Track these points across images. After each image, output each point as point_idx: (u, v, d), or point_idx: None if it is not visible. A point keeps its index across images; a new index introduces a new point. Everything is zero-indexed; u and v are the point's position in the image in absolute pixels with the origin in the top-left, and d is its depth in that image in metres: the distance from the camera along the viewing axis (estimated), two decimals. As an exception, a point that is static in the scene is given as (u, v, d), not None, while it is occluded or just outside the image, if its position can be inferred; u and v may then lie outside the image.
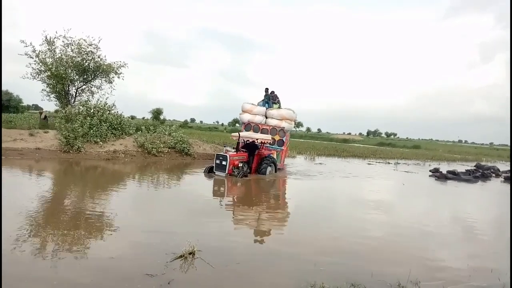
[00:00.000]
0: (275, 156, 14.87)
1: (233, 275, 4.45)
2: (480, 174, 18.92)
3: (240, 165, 12.59)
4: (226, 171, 12.22)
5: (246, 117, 15.83)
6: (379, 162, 24.26)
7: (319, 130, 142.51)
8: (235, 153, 12.96)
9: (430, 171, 18.30)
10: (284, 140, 15.50)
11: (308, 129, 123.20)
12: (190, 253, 4.77)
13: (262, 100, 16.14)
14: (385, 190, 13.08)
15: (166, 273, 4.23)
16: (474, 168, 20.25)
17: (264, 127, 15.52)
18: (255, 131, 15.35)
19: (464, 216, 9.40)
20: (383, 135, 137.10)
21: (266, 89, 16.21)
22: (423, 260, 5.58)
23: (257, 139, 13.18)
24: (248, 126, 15.73)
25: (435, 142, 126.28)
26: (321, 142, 48.10)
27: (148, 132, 17.51)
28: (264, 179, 12.69)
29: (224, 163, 12.31)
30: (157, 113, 44.33)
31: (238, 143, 13.37)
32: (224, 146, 15.43)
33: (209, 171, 12.70)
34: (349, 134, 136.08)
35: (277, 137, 15.41)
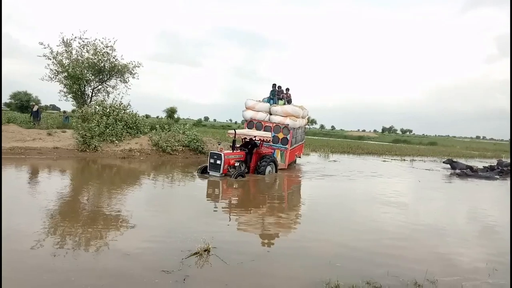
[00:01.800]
0: (279, 156, 14.33)
1: (247, 272, 4.48)
2: (499, 171, 18.47)
3: (237, 164, 11.76)
4: (221, 171, 11.29)
5: (249, 114, 15.06)
6: (394, 159, 23.94)
7: (332, 127, 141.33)
8: (231, 151, 12.10)
9: (443, 162, 18.21)
10: (289, 138, 14.41)
11: (322, 127, 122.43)
12: (205, 250, 4.83)
13: (268, 97, 15.42)
14: (402, 188, 12.89)
15: (182, 270, 4.29)
16: (494, 165, 19.79)
17: (267, 124, 14.62)
18: (258, 128, 14.60)
19: (482, 214, 9.21)
20: (398, 131, 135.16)
21: (274, 85, 15.39)
22: (439, 257, 5.51)
23: (254, 137, 12.49)
24: (250, 123, 14.95)
25: (452, 138, 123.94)
26: (335, 140, 47.76)
27: (163, 131, 17.71)
28: (264, 178, 11.98)
29: (218, 162, 11.34)
30: (171, 111, 44.77)
31: (234, 141, 12.39)
32: (219, 144, 14.25)
33: (203, 171, 11.77)
34: (364, 131, 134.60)
35: (280, 135, 14.53)
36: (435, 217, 8.37)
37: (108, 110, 16.71)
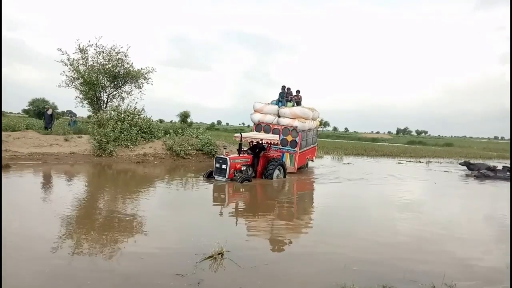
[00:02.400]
0: (288, 159, 14.03)
1: (261, 276, 4.46)
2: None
3: (243, 168, 11.47)
4: (227, 176, 10.95)
5: (257, 117, 14.84)
6: (409, 161, 23.60)
7: (346, 129, 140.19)
8: (238, 155, 11.77)
9: (460, 164, 17.76)
10: (297, 141, 14.04)
11: (335, 129, 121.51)
12: (218, 254, 4.83)
13: (277, 99, 15.13)
14: (418, 190, 12.68)
15: (196, 273, 4.30)
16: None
17: (276, 127, 14.34)
18: (266, 131, 14.32)
19: (501, 216, 8.96)
20: (413, 133, 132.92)
21: (283, 87, 15.09)
22: (457, 261, 5.41)
23: (261, 140, 11.99)
24: (258, 126, 14.71)
25: (469, 139, 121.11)
26: (349, 142, 47.35)
27: (176, 135, 17.86)
28: (272, 183, 11.62)
29: (224, 166, 10.98)
30: (184, 116, 45.07)
31: (240, 144, 12.21)
32: (224, 148, 13.68)
33: (209, 176, 11.46)
34: (378, 132, 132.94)
35: (289, 138, 14.17)
36: (453, 220, 8.20)
37: (122, 115, 16.97)
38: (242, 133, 12.29)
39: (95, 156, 14.85)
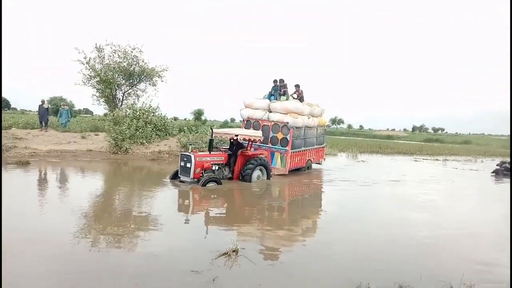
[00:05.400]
0: (278, 160, 12.62)
1: (276, 273, 4.47)
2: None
3: (215, 168, 10.20)
4: (191, 176, 9.56)
5: (246, 113, 13.51)
6: (426, 159, 23.19)
7: (361, 126, 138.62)
8: (208, 153, 10.23)
9: (497, 165, 17.09)
10: (288, 139, 12.42)
11: (349, 126, 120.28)
12: (233, 251, 4.85)
13: (269, 92, 13.65)
14: (436, 188, 12.43)
15: (211, 270, 4.33)
16: None
17: (265, 123, 12.91)
18: (256, 128, 12.94)
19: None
20: (429, 130, 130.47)
21: (275, 80, 13.53)
22: (476, 262, 5.29)
23: (236, 136, 10.43)
24: (248, 123, 13.35)
25: (488, 136, 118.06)
26: (364, 139, 46.78)
27: (191, 133, 17.99)
28: (250, 186, 10.00)
29: (188, 165, 9.62)
30: (198, 114, 45.32)
31: (211, 140, 10.44)
32: (190, 145, 11.57)
33: (174, 176, 10.22)
34: (393, 130, 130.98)
35: (279, 135, 12.61)
36: (472, 220, 8.04)
37: (138, 113, 17.19)
38: (214, 129, 10.87)
39: (111, 153, 15.10)
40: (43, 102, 16.55)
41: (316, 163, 15.32)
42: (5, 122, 17.57)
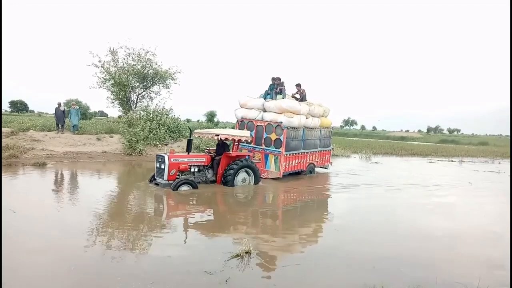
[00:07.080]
0: (272, 162, 11.79)
1: (288, 275, 4.48)
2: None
3: (194, 170, 9.67)
4: (165, 177, 9.07)
5: (240, 113, 12.89)
6: (441, 161, 22.82)
7: (374, 128, 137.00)
8: (186, 153, 9.78)
9: None
10: (282, 140, 11.56)
11: (363, 127, 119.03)
12: (246, 252, 4.87)
13: (265, 91, 12.85)
14: (451, 190, 12.21)
15: (224, 271, 4.36)
16: None
17: (259, 123, 12.18)
18: (250, 128, 12.25)
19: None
20: (445, 131, 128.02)
21: (273, 78, 12.69)
22: (493, 266, 5.19)
23: (217, 135, 9.60)
24: (242, 123, 12.70)
25: (505, 137, 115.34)
26: (377, 141, 46.26)
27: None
28: (233, 192, 9.38)
29: (163, 166, 9.14)
30: (211, 115, 45.53)
31: (189, 140, 9.93)
32: (165, 145, 10.50)
33: (152, 179, 9.74)
34: (407, 131, 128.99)
35: (273, 136, 11.77)
36: (489, 222, 7.87)
37: (151, 115, 17.42)
38: (195, 130, 10.33)
39: (126, 154, 15.33)
40: (59, 104, 16.69)
41: (321, 167, 14.26)
42: (23, 124, 17.98)
